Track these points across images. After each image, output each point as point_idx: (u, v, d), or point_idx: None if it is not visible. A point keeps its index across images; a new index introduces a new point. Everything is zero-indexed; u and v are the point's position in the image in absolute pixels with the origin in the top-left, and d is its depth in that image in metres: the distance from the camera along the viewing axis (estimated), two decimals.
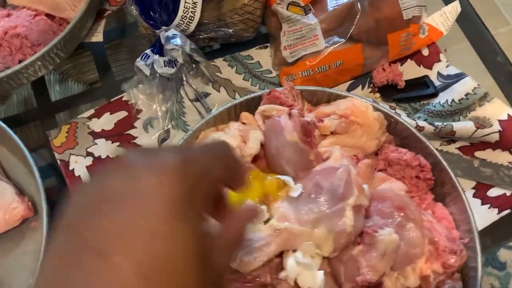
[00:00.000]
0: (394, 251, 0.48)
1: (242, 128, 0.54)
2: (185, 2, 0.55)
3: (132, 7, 0.59)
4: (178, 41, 0.55)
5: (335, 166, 0.51)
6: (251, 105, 0.58)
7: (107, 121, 0.61)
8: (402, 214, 0.50)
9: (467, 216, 0.52)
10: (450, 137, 0.59)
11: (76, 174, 0.59)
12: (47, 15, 0.63)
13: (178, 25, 0.56)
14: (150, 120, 0.61)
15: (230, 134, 0.55)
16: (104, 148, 0.60)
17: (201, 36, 0.59)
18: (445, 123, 0.58)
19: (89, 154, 0.60)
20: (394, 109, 0.62)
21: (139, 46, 0.67)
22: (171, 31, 0.55)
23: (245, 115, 0.56)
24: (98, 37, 0.66)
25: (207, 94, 0.62)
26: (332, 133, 0.56)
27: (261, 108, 0.55)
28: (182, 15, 0.55)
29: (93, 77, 0.67)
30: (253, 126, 0.55)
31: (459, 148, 0.61)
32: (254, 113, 0.57)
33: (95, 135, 0.61)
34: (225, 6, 0.59)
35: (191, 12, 0.56)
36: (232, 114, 0.57)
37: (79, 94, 0.67)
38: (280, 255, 0.50)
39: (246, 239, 0.48)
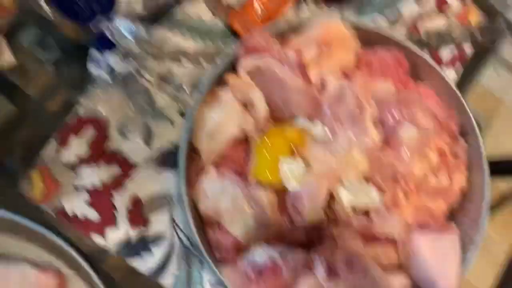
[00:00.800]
0: (417, 141, 0.53)
1: (237, 94, 0.52)
2: None
3: (48, 11, 0.49)
4: (130, 29, 0.47)
5: (338, 91, 0.53)
6: (228, 67, 0.54)
7: (78, 146, 0.53)
8: (407, 106, 0.54)
9: (445, 82, 0.59)
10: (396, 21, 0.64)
11: (80, 217, 0.52)
12: None
13: (120, 10, 0.48)
14: (123, 125, 0.55)
15: (228, 105, 0.52)
16: (93, 176, 0.53)
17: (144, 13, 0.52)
18: (390, 9, 0.62)
19: (79, 188, 0.52)
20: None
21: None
22: (119, 21, 0.47)
23: (232, 78, 0.52)
24: (8, 57, 0.53)
25: (170, 73, 0.56)
26: (313, 61, 0.56)
27: (244, 64, 0.53)
28: None
29: None
30: (244, 87, 0.52)
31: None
32: (235, 73, 0.54)
33: (73, 166, 0.53)
34: None
35: None
36: (214, 83, 0.53)
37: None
38: None
39: (298, 194, 0.48)
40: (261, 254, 0.47)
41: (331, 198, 0.51)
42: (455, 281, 0.51)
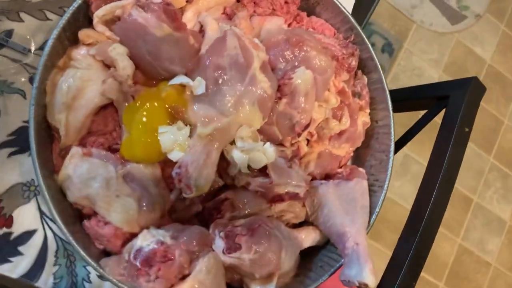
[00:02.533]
0: (314, 85, 0.47)
1: (94, 52, 0.42)
2: None
3: None
4: None
5: (220, 36, 0.45)
6: (79, 18, 0.44)
7: None
8: (300, 48, 0.47)
9: (343, 15, 0.53)
10: None
11: None
12: None
13: None
14: None
15: (85, 66, 0.42)
16: None
17: None
18: None
19: None
20: None
21: None
22: None
23: (86, 34, 0.42)
24: None
25: (9, 33, 0.45)
26: (188, 1, 0.47)
27: (98, 14, 0.42)
28: None
29: None
30: (103, 41, 0.42)
31: None
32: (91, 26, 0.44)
33: None
34: None
35: None
36: (64, 40, 0.43)
37: None
38: None
39: (182, 163, 0.41)
40: (147, 239, 0.41)
41: (225, 161, 0.45)
42: (363, 226, 0.48)
